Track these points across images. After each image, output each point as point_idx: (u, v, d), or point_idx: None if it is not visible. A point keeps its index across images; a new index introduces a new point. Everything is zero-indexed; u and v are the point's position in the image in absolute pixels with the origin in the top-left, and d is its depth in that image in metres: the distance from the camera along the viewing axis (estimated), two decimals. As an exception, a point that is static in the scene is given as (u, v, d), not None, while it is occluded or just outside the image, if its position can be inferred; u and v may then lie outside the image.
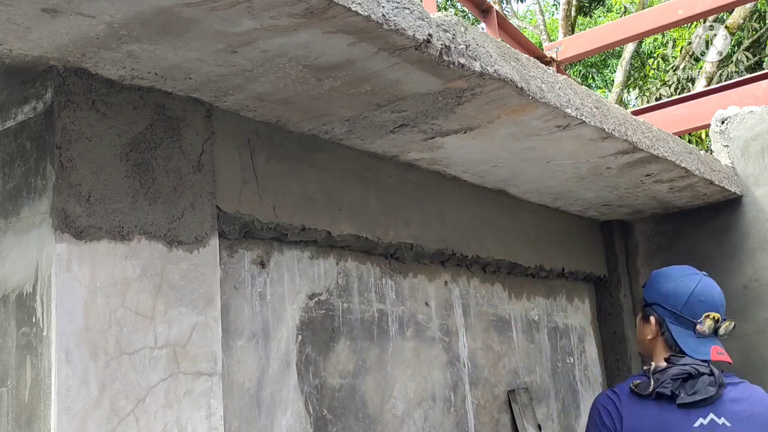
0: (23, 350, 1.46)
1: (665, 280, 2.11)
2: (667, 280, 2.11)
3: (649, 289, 2.14)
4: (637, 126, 2.49)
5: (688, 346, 2.01)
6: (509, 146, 2.33)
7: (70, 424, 1.39)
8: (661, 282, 2.11)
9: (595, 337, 3.60)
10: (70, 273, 1.44)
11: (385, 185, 2.37)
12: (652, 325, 2.08)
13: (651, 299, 2.11)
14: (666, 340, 2.06)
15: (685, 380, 1.92)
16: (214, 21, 1.37)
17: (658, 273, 2.18)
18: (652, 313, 2.09)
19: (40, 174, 1.50)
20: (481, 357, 2.72)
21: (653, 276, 2.18)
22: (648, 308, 2.11)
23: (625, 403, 1.94)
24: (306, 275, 2.07)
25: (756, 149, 3.36)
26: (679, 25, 5.27)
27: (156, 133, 1.67)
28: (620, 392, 1.98)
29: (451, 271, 2.68)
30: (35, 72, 1.53)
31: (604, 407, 1.98)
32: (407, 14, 1.49)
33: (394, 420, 2.25)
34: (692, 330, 2.03)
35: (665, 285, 2.09)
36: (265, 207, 1.93)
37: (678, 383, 1.91)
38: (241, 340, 1.84)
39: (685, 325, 2.04)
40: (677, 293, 2.06)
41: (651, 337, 2.09)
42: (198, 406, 1.62)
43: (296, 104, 1.85)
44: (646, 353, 2.16)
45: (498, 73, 1.78)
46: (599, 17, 15.82)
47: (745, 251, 3.32)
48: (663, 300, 2.07)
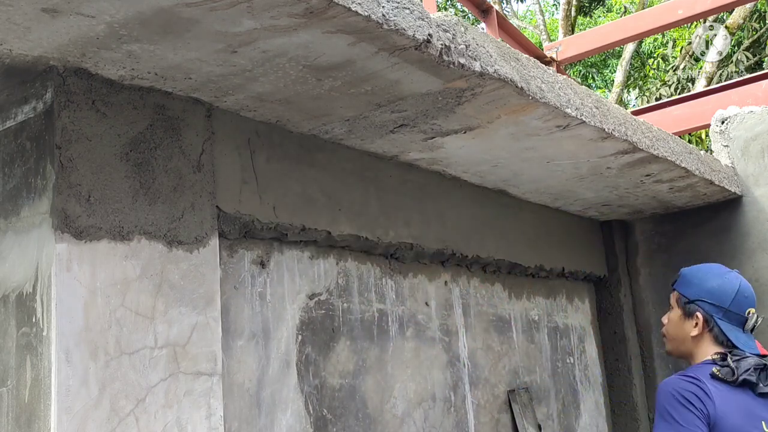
0: (23, 350, 1.46)
1: (708, 277, 2.13)
2: (710, 277, 2.13)
3: (689, 286, 2.15)
4: (637, 126, 2.49)
5: (739, 340, 2.06)
6: (509, 146, 2.33)
7: (70, 424, 1.39)
8: (703, 279, 2.13)
9: (595, 337, 3.60)
10: (70, 273, 1.44)
11: (385, 185, 2.37)
12: (699, 321, 2.09)
13: (695, 296, 2.11)
14: (715, 336, 2.09)
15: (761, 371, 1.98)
16: (214, 21, 1.37)
17: (693, 270, 2.20)
18: (697, 310, 2.10)
19: (40, 174, 1.50)
20: (481, 357, 2.72)
21: (689, 273, 2.19)
22: (691, 305, 2.12)
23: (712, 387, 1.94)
24: (306, 275, 2.07)
25: (756, 149, 3.36)
26: (679, 25, 5.27)
27: (156, 133, 1.67)
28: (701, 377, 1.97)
29: (451, 271, 2.68)
30: (35, 72, 1.53)
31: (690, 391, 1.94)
32: (407, 14, 1.49)
33: (394, 420, 2.25)
34: (740, 326, 2.08)
35: (709, 282, 2.11)
36: (265, 207, 1.93)
37: (758, 373, 1.97)
38: (241, 340, 1.84)
39: (734, 321, 2.08)
40: (724, 290, 2.08)
41: (696, 333, 2.11)
42: (198, 406, 1.62)
43: (296, 104, 1.85)
44: (685, 350, 2.18)
45: (498, 73, 1.78)
46: (599, 17, 15.82)
47: (745, 251, 3.31)
48: (709, 296, 2.09)
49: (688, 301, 2.14)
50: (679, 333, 2.18)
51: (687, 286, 2.16)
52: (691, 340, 2.13)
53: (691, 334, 2.12)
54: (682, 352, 2.20)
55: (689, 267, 2.24)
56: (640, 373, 3.61)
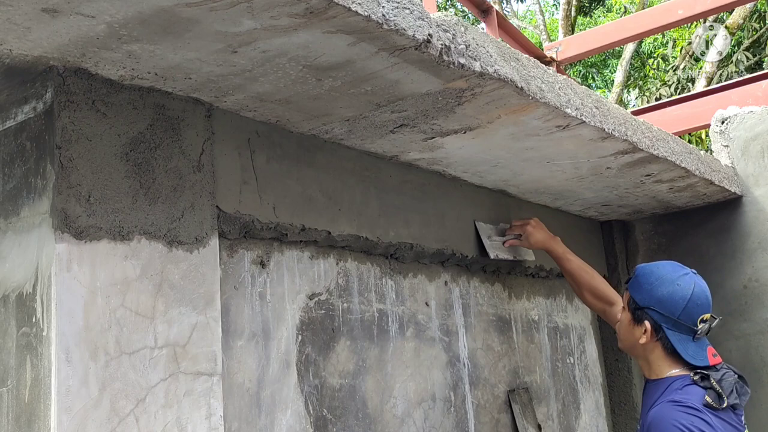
0: (23, 350, 1.46)
1: (658, 283, 2.04)
2: (660, 283, 2.03)
3: (640, 291, 2.06)
4: (637, 126, 2.49)
5: (687, 352, 1.99)
6: (509, 146, 2.33)
7: (70, 424, 1.39)
8: (654, 285, 2.04)
9: (595, 337, 3.60)
10: (70, 273, 1.44)
11: (385, 185, 2.37)
12: (647, 330, 2.02)
13: (644, 303, 2.04)
14: (663, 345, 2.02)
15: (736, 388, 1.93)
16: (214, 21, 1.37)
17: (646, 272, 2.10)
18: (645, 318, 2.03)
19: (40, 174, 1.50)
20: (481, 357, 2.72)
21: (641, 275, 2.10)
22: (640, 311, 2.05)
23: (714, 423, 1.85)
24: (306, 275, 2.07)
25: (756, 149, 3.36)
26: (679, 25, 5.27)
27: (156, 133, 1.67)
28: (701, 410, 1.87)
29: (451, 271, 2.68)
30: (35, 72, 1.53)
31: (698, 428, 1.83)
32: (407, 14, 1.49)
33: (394, 420, 2.25)
34: (691, 335, 2.00)
35: (659, 289, 2.02)
36: (265, 207, 1.93)
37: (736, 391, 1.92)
38: (241, 340, 1.84)
39: (684, 331, 2.00)
40: (674, 299, 1.99)
41: (644, 341, 2.04)
42: (198, 406, 1.62)
43: (296, 104, 1.85)
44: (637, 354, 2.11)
45: (498, 73, 1.78)
46: (599, 17, 15.82)
47: (745, 251, 3.31)
48: (658, 305, 2.01)
49: (637, 307, 2.06)
50: (629, 337, 2.10)
51: (638, 290, 2.07)
52: (640, 346, 2.06)
53: (639, 341, 2.05)
54: (636, 355, 2.13)
55: (645, 265, 2.13)
56: (640, 373, 3.60)
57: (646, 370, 2.12)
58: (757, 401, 3.16)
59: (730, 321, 3.28)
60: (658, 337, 2.02)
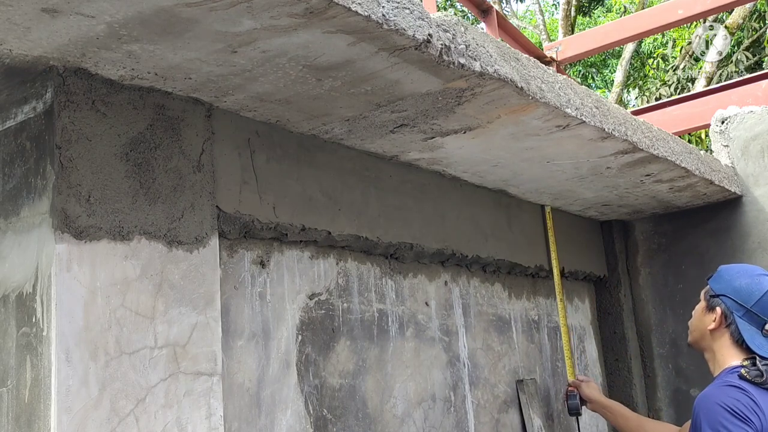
0: (23, 350, 1.46)
1: (739, 275, 2.11)
2: (741, 275, 2.11)
3: (719, 281, 2.14)
4: (637, 126, 2.49)
5: (754, 342, 2.04)
6: (509, 146, 2.33)
7: (70, 424, 1.39)
8: (733, 276, 2.12)
9: (595, 337, 3.60)
10: (70, 273, 1.44)
11: (385, 185, 2.37)
12: (717, 316, 2.09)
13: (721, 291, 2.11)
14: (732, 333, 2.08)
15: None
16: (214, 21, 1.37)
17: (729, 267, 2.19)
18: (719, 304, 2.10)
19: (40, 174, 1.50)
20: (481, 357, 2.72)
21: (725, 269, 2.18)
22: (715, 299, 2.11)
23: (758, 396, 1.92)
24: (306, 275, 2.07)
25: (756, 149, 3.36)
26: (679, 25, 5.27)
27: (156, 133, 1.67)
28: (738, 384, 1.93)
29: (451, 271, 2.68)
30: (35, 72, 1.53)
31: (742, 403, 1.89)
32: (407, 14, 1.49)
33: (394, 420, 2.25)
34: (760, 329, 2.06)
35: (738, 279, 2.10)
36: (265, 207, 1.93)
37: None
38: (241, 340, 1.84)
39: (754, 323, 2.06)
40: (751, 290, 2.07)
41: (713, 327, 2.10)
42: (198, 406, 1.62)
43: (296, 104, 1.85)
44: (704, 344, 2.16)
45: (498, 73, 1.78)
46: (599, 17, 15.82)
47: (745, 251, 3.31)
48: (734, 293, 2.08)
49: (713, 295, 2.14)
50: (699, 325, 2.18)
51: (717, 280, 2.16)
52: (709, 334, 2.13)
53: (708, 328, 2.13)
54: (702, 346, 2.20)
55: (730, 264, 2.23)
56: (640, 373, 3.61)
57: (711, 364, 2.16)
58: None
59: (730, 321, 3.28)
60: (727, 323, 2.08)
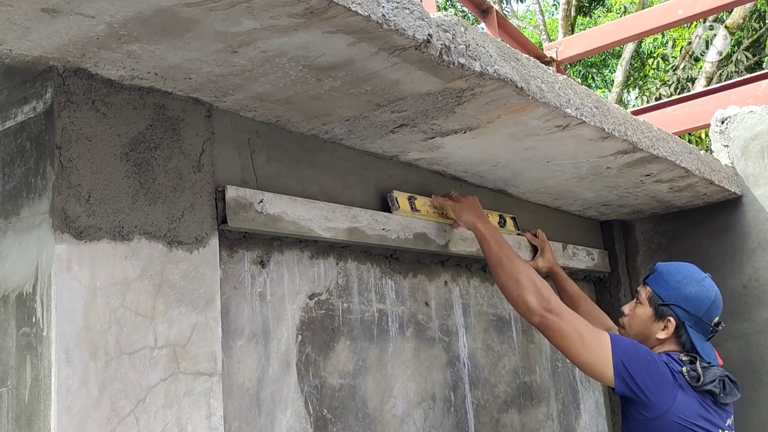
0: (23, 350, 1.46)
1: (686, 282, 2.09)
2: (688, 281, 2.09)
3: (665, 287, 2.11)
4: (637, 126, 2.49)
5: (704, 350, 2.04)
6: (509, 146, 2.33)
7: (70, 424, 1.39)
8: (681, 283, 2.09)
9: (595, 337, 3.59)
10: (70, 273, 1.44)
11: (386, 185, 2.37)
12: (671, 327, 2.07)
13: (671, 300, 2.08)
14: (682, 343, 2.07)
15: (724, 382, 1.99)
16: (214, 21, 1.37)
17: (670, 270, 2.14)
18: (670, 314, 2.07)
19: (40, 174, 1.50)
20: (481, 357, 2.72)
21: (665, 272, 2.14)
22: (665, 308, 2.09)
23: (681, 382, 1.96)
24: (306, 275, 2.07)
25: (756, 149, 3.36)
26: (679, 25, 5.27)
27: (156, 133, 1.67)
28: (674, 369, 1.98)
29: (451, 271, 2.68)
30: (35, 72, 1.53)
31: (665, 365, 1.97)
32: (407, 14, 1.49)
33: (394, 420, 2.25)
34: (705, 335, 2.07)
35: (687, 287, 2.08)
36: (265, 207, 1.93)
37: (721, 384, 1.97)
38: (241, 340, 1.84)
39: (701, 330, 2.06)
40: (701, 298, 2.06)
41: (664, 337, 2.08)
42: (198, 406, 1.62)
43: (296, 104, 1.85)
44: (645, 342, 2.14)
45: (498, 73, 1.78)
46: (599, 17, 15.82)
47: (745, 251, 3.31)
48: (686, 303, 2.06)
49: (662, 303, 2.10)
50: (644, 331, 2.14)
51: (663, 286, 2.12)
52: (655, 340, 2.11)
53: (657, 336, 2.10)
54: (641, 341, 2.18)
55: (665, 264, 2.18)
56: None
57: None
58: (757, 401, 3.16)
59: (730, 321, 3.28)
60: (678, 334, 2.07)
